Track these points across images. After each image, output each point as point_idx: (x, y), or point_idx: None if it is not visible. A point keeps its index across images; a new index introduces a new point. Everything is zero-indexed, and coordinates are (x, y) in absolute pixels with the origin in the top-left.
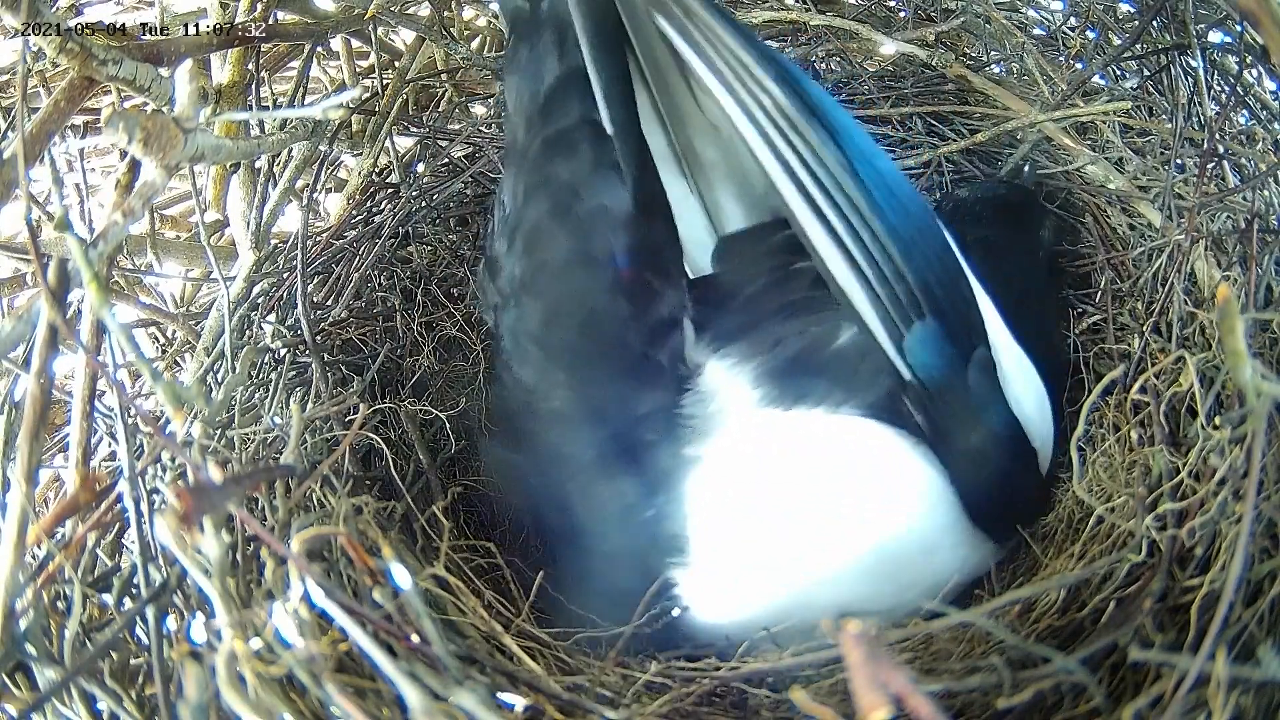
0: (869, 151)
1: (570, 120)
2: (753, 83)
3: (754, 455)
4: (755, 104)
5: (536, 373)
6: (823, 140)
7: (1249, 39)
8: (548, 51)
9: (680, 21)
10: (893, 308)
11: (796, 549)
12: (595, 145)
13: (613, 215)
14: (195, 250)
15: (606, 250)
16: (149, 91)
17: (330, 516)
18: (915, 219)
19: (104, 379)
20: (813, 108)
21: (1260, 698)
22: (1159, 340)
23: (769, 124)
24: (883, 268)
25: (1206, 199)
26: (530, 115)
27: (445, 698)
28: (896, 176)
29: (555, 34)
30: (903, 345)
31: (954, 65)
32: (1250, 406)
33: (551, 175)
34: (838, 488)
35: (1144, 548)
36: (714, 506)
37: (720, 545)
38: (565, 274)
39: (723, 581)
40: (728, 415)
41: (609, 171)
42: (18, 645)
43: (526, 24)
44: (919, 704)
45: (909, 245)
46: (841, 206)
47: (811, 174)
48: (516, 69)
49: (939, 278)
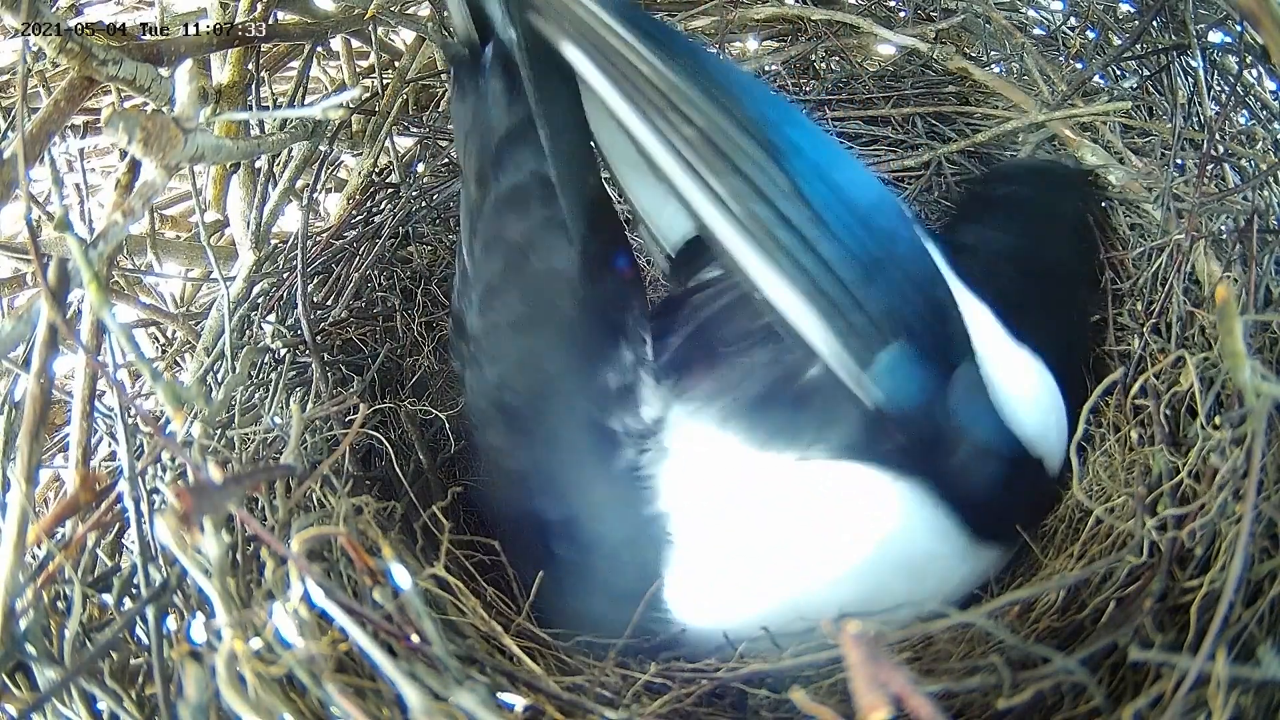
0: (822, 163)
1: (521, 176)
2: (672, 112)
3: (727, 504)
4: (675, 135)
5: (496, 434)
6: (759, 163)
7: (1249, 39)
8: (495, 102)
9: (587, 50)
10: (849, 340)
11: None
12: (546, 203)
13: (560, 277)
14: (195, 250)
15: (553, 314)
16: (149, 91)
17: (330, 516)
18: (878, 234)
19: (104, 379)
20: (748, 126)
21: (1260, 698)
22: (1159, 340)
23: (692, 155)
24: (834, 299)
25: (1206, 199)
26: (482, 169)
27: (445, 698)
28: (858, 186)
29: (503, 82)
30: (868, 376)
31: (954, 58)
32: (1250, 406)
33: (504, 233)
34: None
35: (1144, 548)
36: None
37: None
38: (516, 336)
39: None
40: (693, 466)
41: (559, 230)
42: (18, 645)
43: (469, 70)
44: (919, 704)
45: (867, 267)
46: (780, 238)
47: (744, 206)
48: (464, 118)
49: (907, 296)
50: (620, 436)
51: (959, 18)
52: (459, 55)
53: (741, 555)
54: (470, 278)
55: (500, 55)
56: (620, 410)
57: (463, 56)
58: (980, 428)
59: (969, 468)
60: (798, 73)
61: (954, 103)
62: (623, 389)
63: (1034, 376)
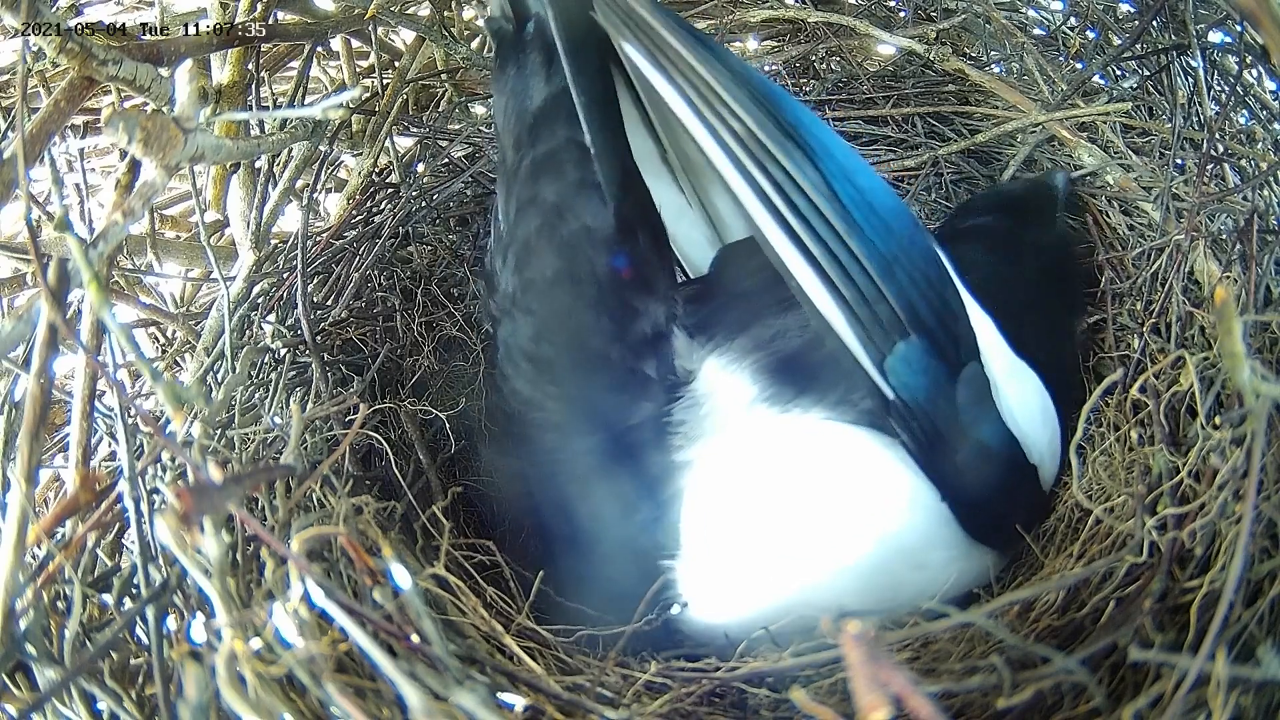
0: (850, 168)
1: (557, 141)
2: (723, 108)
3: (747, 458)
4: (726, 130)
5: (528, 384)
6: (798, 163)
7: (1249, 39)
8: (534, 73)
9: (648, 49)
10: (873, 329)
11: (789, 551)
12: (580, 166)
13: (595, 235)
14: (195, 250)
15: (590, 269)
16: (149, 91)
17: (330, 516)
18: (898, 235)
19: (104, 379)
20: (788, 129)
21: (1260, 698)
22: (1159, 340)
23: (741, 150)
24: (861, 289)
25: (1206, 199)
26: (519, 135)
27: (445, 698)
28: (879, 192)
29: (541, 55)
30: (884, 365)
31: (950, 59)
32: (1250, 406)
33: (539, 195)
34: (829, 493)
35: (1144, 548)
36: (707, 508)
37: (714, 546)
38: (552, 292)
39: (718, 580)
40: (721, 418)
41: (592, 192)
42: (18, 645)
43: (512, 44)
44: (919, 704)
45: (890, 263)
46: (818, 230)
47: (786, 199)
48: (504, 89)
49: (924, 293)
50: (653, 381)
51: (959, 18)
52: (502, 30)
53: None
54: (505, 238)
55: (540, 31)
56: (654, 357)
57: (505, 31)
58: (985, 426)
59: (971, 464)
60: (798, 73)
61: (953, 103)
62: (657, 337)
63: (1033, 387)
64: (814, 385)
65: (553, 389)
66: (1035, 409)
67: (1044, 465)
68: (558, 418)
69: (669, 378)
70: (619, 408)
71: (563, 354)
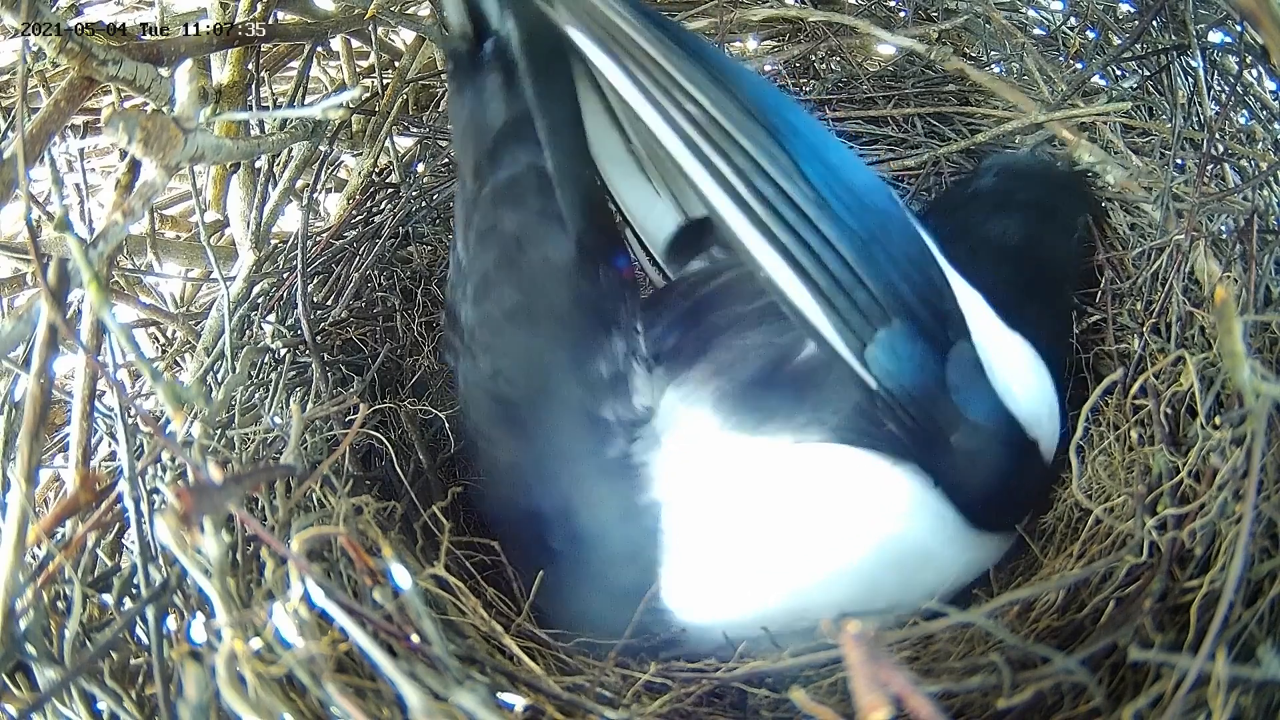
0: (819, 145)
1: (518, 168)
2: (676, 90)
3: (721, 490)
4: (680, 113)
5: (488, 423)
6: (761, 144)
7: (1249, 39)
8: (493, 96)
9: (594, 33)
10: (851, 317)
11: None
12: (541, 194)
13: (554, 267)
14: (195, 250)
15: (547, 304)
16: (149, 91)
17: (330, 516)
18: (875, 213)
19: (104, 379)
20: (748, 108)
21: (1260, 698)
22: (1159, 340)
23: (697, 134)
24: (837, 276)
25: (1206, 199)
26: (479, 161)
27: (445, 698)
28: (853, 168)
29: (501, 75)
30: (865, 355)
31: (950, 59)
32: (1250, 406)
33: (499, 225)
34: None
35: (1144, 548)
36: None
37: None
38: (510, 326)
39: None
40: (685, 454)
41: (553, 222)
42: (18, 645)
43: (469, 66)
44: (919, 704)
45: (868, 245)
46: (785, 216)
47: (749, 184)
48: (462, 113)
49: (905, 273)
50: (613, 425)
51: (960, 19)
52: (458, 50)
53: (738, 545)
54: (464, 269)
55: (499, 50)
56: (612, 399)
57: (461, 51)
58: (978, 406)
59: (967, 447)
60: (798, 73)
61: (954, 103)
62: (615, 377)
63: (1027, 360)
64: (779, 409)
65: (511, 428)
66: (1030, 383)
67: (1044, 439)
68: (520, 458)
69: (627, 417)
70: (581, 449)
71: (519, 393)
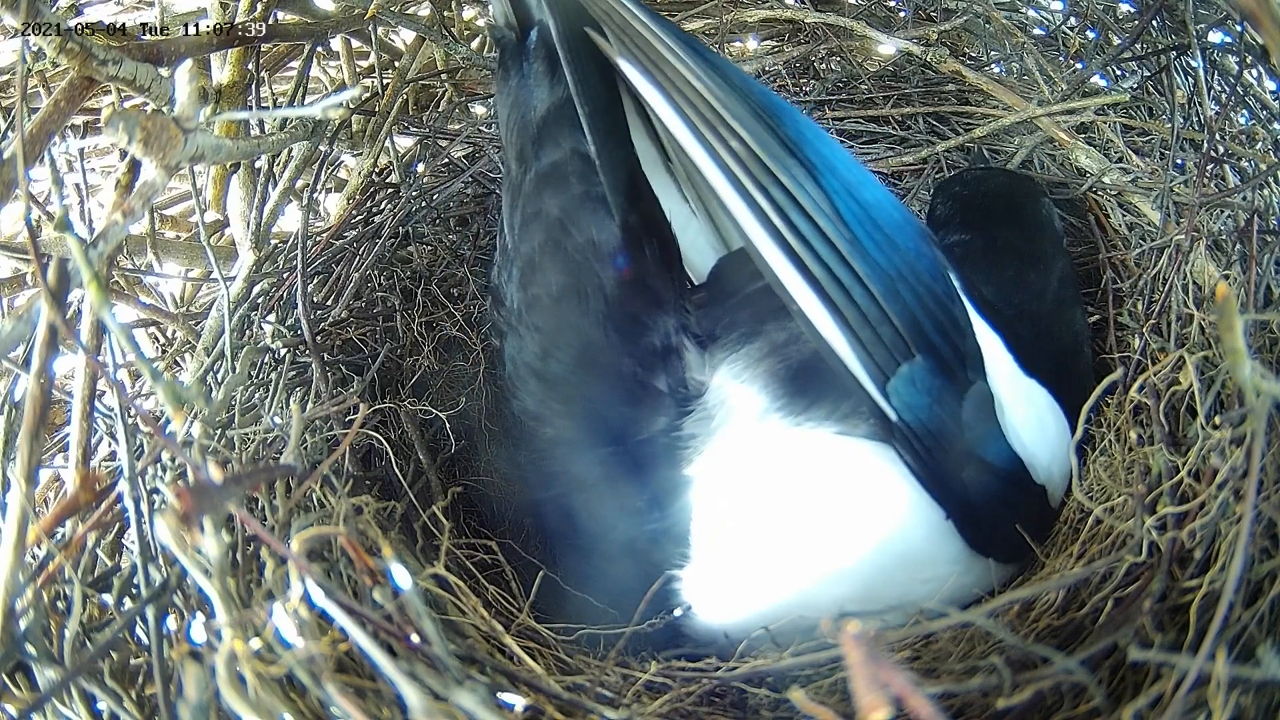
0: (854, 183)
1: (561, 153)
2: (721, 126)
3: (757, 473)
4: (724, 148)
5: (536, 401)
6: (799, 180)
7: (1249, 39)
8: (538, 82)
9: (645, 66)
10: (875, 350)
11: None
12: (584, 178)
13: (601, 249)
14: (195, 250)
15: (596, 284)
16: (149, 91)
17: (330, 516)
18: (904, 251)
19: (104, 379)
20: (790, 144)
21: (1260, 698)
22: (1159, 340)
23: (739, 168)
24: (864, 311)
25: (1206, 199)
26: (523, 147)
27: (445, 698)
28: (884, 206)
29: (544, 64)
30: (887, 388)
31: (947, 60)
32: (1250, 406)
33: (544, 209)
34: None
35: (1144, 548)
36: (716, 522)
37: (722, 558)
38: (558, 307)
39: (724, 591)
40: (731, 431)
41: (598, 205)
42: (18, 645)
43: (515, 52)
44: (919, 704)
45: (895, 282)
46: (818, 250)
47: (786, 219)
48: (507, 98)
49: (929, 311)
50: (664, 395)
51: (960, 19)
52: (505, 38)
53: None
54: (510, 253)
55: (543, 39)
56: (664, 371)
57: (508, 40)
58: (990, 446)
59: (975, 484)
60: (797, 73)
61: (953, 102)
62: (666, 350)
63: (1043, 407)
64: (826, 396)
65: (561, 406)
66: (1043, 429)
67: (1053, 484)
68: (567, 433)
69: (680, 390)
70: (630, 422)
71: (571, 371)
